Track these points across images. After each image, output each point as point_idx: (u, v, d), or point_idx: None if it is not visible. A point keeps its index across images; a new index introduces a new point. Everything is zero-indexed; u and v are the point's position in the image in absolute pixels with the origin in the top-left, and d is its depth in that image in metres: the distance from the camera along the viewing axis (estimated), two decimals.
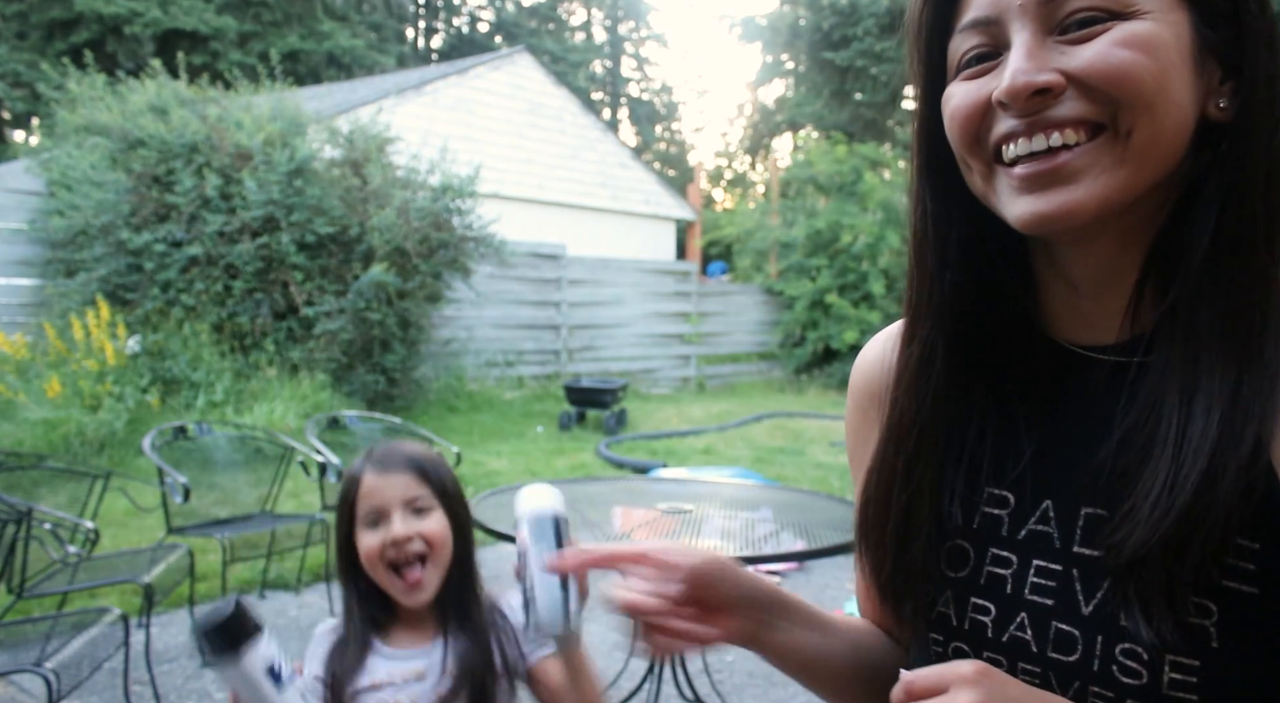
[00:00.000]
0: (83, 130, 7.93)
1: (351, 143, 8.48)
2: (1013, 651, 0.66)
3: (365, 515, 1.35)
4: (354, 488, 1.37)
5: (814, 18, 19.25)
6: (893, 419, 0.73)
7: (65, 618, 2.83)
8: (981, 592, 0.68)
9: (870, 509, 0.74)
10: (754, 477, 6.03)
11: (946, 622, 0.70)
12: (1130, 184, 0.60)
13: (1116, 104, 0.58)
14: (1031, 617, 0.65)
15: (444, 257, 8.42)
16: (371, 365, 8.16)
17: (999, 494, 0.69)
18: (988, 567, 0.68)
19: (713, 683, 3.21)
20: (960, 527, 0.70)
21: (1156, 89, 0.58)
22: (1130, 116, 0.58)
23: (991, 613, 0.67)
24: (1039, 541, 0.66)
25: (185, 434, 4.09)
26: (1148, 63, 0.57)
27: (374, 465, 1.37)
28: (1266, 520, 0.57)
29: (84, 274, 7.40)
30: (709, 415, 10.15)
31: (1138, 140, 0.59)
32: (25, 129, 21.22)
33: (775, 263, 14.12)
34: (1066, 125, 0.59)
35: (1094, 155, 0.59)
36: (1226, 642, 0.57)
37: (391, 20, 29.11)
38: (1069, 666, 0.63)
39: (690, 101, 44.32)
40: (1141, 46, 0.57)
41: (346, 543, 1.37)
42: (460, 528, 1.38)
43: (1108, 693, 0.61)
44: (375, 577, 1.33)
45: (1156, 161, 0.60)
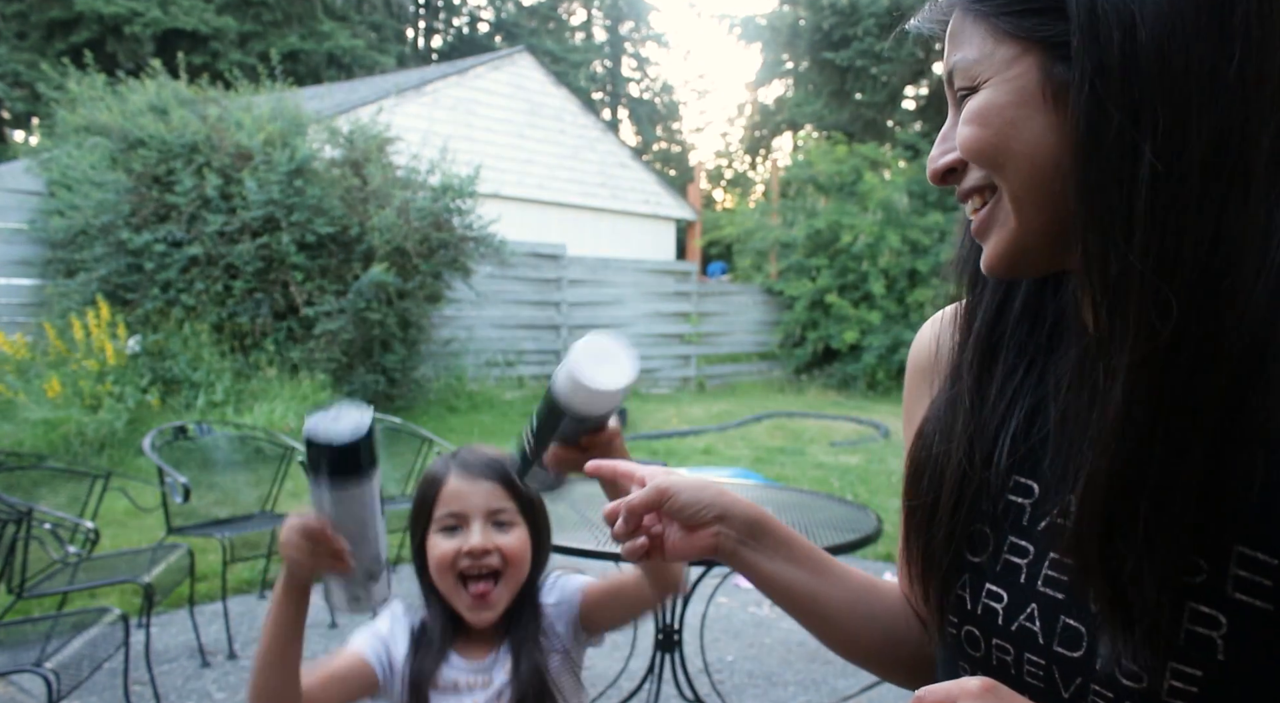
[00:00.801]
0: (83, 130, 7.93)
1: (351, 143, 8.48)
2: (1020, 640, 0.67)
3: (442, 520, 1.26)
4: (434, 490, 1.28)
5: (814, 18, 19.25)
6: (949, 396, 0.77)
7: (65, 618, 2.83)
8: (996, 579, 0.69)
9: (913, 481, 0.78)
10: (754, 477, 6.03)
11: (963, 605, 0.72)
12: (1024, 232, 0.65)
13: (985, 170, 0.65)
14: (1041, 608, 0.66)
15: (444, 257, 8.42)
16: (371, 365, 8.16)
17: (1025, 483, 0.70)
18: (1005, 554, 0.69)
19: (713, 683, 3.21)
20: (985, 512, 0.71)
21: (995, 151, 0.63)
22: (997, 178, 0.65)
23: (1004, 600, 0.69)
24: (1057, 534, 0.66)
25: (185, 434, 4.08)
26: (980, 132, 0.64)
27: (459, 469, 1.29)
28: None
29: (84, 274, 7.40)
30: (709, 415, 10.15)
31: (1008, 195, 0.65)
32: (25, 129, 21.21)
33: (775, 263, 14.12)
34: (972, 194, 0.68)
35: (989, 217, 0.67)
36: (1233, 655, 0.57)
37: (391, 20, 29.10)
38: (1073, 661, 0.63)
39: (690, 101, 44.32)
40: (975, 118, 0.64)
41: (421, 547, 1.29)
42: (540, 545, 1.31)
43: (1107, 693, 0.61)
44: (441, 586, 1.26)
45: (1035, 208, 0.64)
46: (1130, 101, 0.58)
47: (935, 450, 0.76)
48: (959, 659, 0.73)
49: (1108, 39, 0.58)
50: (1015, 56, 0.63)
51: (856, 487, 6.46)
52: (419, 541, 1.29)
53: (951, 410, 0.76)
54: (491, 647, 1.28)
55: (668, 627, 2.88)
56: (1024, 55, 0.62)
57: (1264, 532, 0.57)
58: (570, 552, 2.40)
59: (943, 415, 0.77)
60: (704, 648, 3.49)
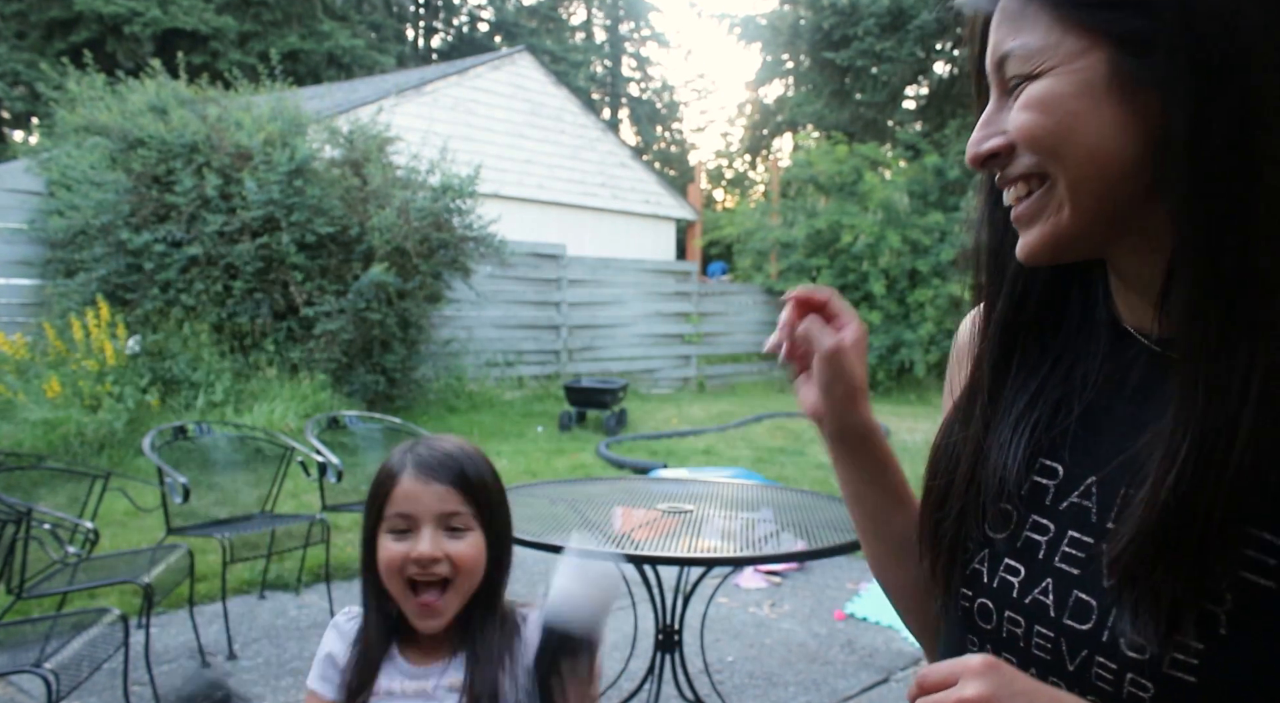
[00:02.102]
0: (82, 130, 7.93)
1: (351, 143, 8.48)
2: (1033, 613, 0.69)
3: (392, 520, 1.20)
4: (387, 487, 1.21)
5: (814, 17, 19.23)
6: (968, 385, 0.79)
7: (65, 619, 2.82)
8: (1016, 554, 0.71)
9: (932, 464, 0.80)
10: (754, 477, 6.03)
11: (978, 578, 0.74)
12: (1075, 222, 0.65)
13: (1039, 158, 0.65)
14: (1056, 583, 0.68)
15: (444, 257, 8.42)
16: (371, 366, 8.16)
17: (1050, 466, 0.72)
18: (1026, 532, 0.71)
19: (713, 683, 3.21)
20: (1011, 492, 0.72)
21: (1057, 141, 0.63)
22: (1051, 167, 0.64)
23: (1020, 574, 0.70)
24: (1079, 513, 0.68)
25: (185, 434, 4.08)
26: (1042, 120, 0.63)
27: (415, 468, 1.21)
28: None
29: (84, 274, 7.40)
30: (709, 416, 10.14)
31: (1062, 186, 0.64)
32: (25, 129, 21.21)
33: (775, 263, 14.11)
34: (1017, 180, 0.68)
35: (1039, 204, 0.67)
36: (1235, 632, 0.58)
37: (391, 20, 29.10)
38: (1081, 634, 0.65)
39: (690, 101, 44.30)
40: (1037, 106, 0.63)
41: (370, 541, 1.23)
42: (497, 551, 1.25)
43: (1111, 664, 0.63)
44: (390, 587, 1.20)
45: (1093, 199, 0.64)
46: (1238, 102, 0.57)
47: (954, 438, 0.78)
48: (968, 632, 0.75)
49: (1206, 37, 0.57)
50: (1084, 49, 0.62)
51: None
52: (369, 535, 1.22)
53: (970, 400, 0.78)
54: (443, 655, 1.22)
55: (668, 627, 2.88)
56: (1093, 48, 0.61)
57: (1271, 512, 0.58)
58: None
59: (963, 405, 0.79)
60: (704, 648, 3.49)
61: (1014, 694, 0.58)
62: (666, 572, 3.05)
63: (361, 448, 4.62)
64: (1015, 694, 0.58)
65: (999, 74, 0.66)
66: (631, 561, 2.50)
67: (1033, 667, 0.68)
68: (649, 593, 2.85)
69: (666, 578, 2.98)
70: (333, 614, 3.85)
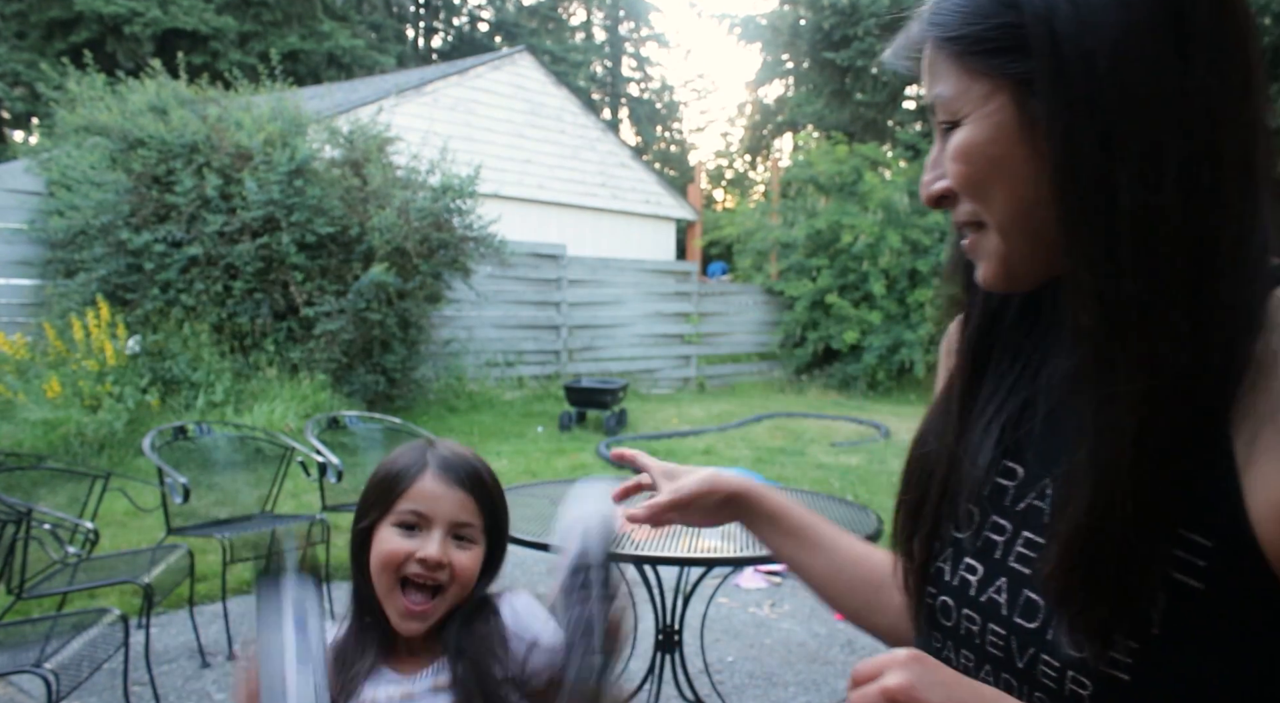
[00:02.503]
0: (82, 130, 7.92)
1: (351, 143, 8.48)
2: (988, 611, 0.71)
3: (404, 515, 1.17)
4: (405, 481, 1.18)
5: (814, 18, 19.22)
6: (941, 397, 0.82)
7: (65, 619, 2.82)
8: (976, 553, 0.73)
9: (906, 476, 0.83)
10: (754, 477, 6.02)
11: (941, 576, 0.76)
12: (1013, 258, 0.68)
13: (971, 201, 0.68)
14: (1010, 582, 0.70)
15: (444, 257, 8.41)
16: (371, 366, 8.16)
17: (1011, 467, 0.73)
18: (986, 532, 0.73)
19: (713, 683, 3.21)
20: (975, 492, 0.75)
21: (978, 187, 0.67)
22: (982, 212, 0.68)
23: (978, 573, 0.73)
24: (1034, 514, 0.70)
25: (185, 435, 4.08)
26: (964, 169, 0.66)
27: (439, 468, 1.20)
28: (1220, 517, 0.59)
29: (84, 274, 7.40)
30: (709, 416, 10.14)
31: (994, 225, 0.68)
32: (25, 129, 21.20)
33: (775, 263, 14.10)
34: (962, 218, 0.71)
35: (977, 243, 0.71)
36: (1167, 631, 0.60)
37: (391, 20, 29.10)
38: (1029, 631, 0.67)
39: (690, 101, 44.30)
40: (959, 156, 0.66)
41: (364, 534, 1.19)
42: (491, 566, 1.23)
43: (1054, 662, 0.65)
44: (378, 581, 1.17)
45: (1023, 235, 0.67)
46: (1101, 133, 0.60)
47: (928, 449, 0.81)
48: (932, 629, 0.77)
49: (1071, 74, 0.60)
50: (989, 93, 0.64)
51: (857, 487, 6.45)
52: (367, 526, 1.19)
53: (944, 412, 0.81)
54: (425, 662, 1.20)
55: (668, 627, 2.88)
56: (997, 92, 0.64)
57: (1200, 515, 0.59)
58: None
59: (936, 417, 0.82)
60: (704, 649, 3.49)
61: (933, 684, 0.60)
62: (666, 572, 3.05)
63: (361, 448, 4.62)
64: (935, 684, 0.60)
65: (934, 119, 0.69)
66: (631, 561, 2.50)
67: (987, 664, 0.70)
68: (649, 593, 2.85)
69: (666, 578, 2.98)
70: (333, 614, 3.85)
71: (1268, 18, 11.08)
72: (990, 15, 0.63)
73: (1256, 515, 0.58)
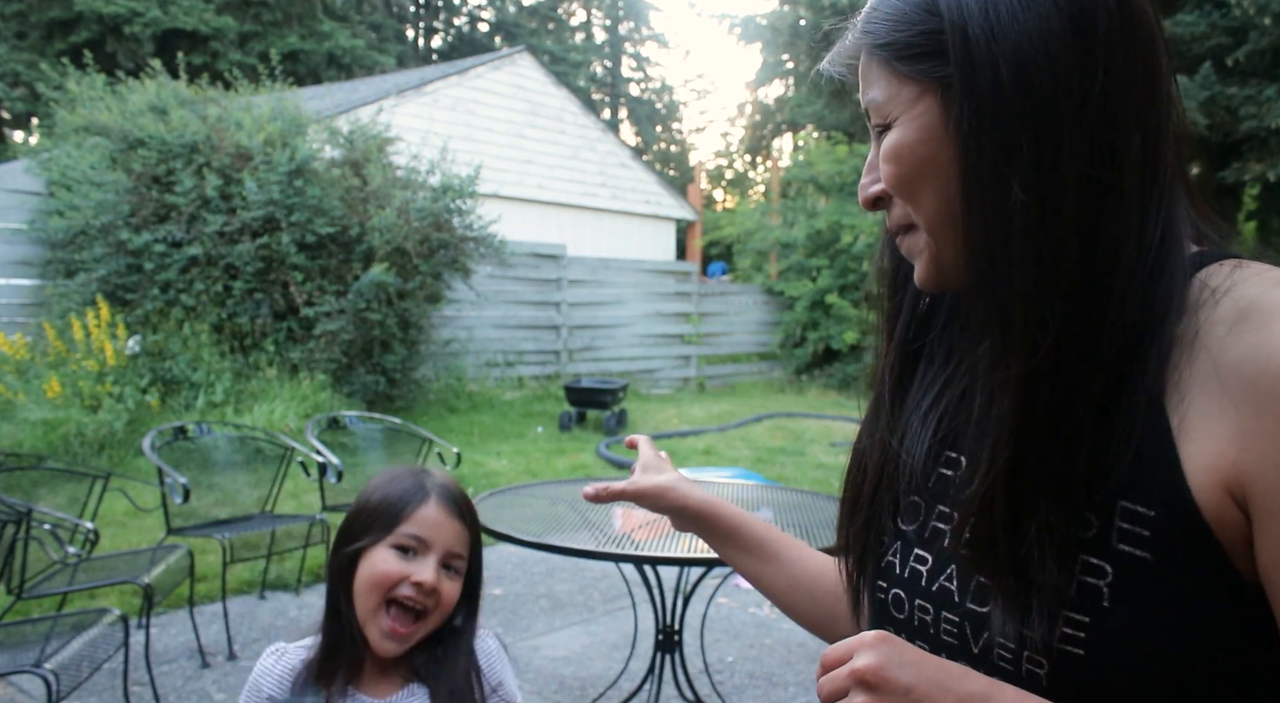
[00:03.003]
0: (82, 130, 7.93)
1: (351, 143, 8.48)
2: (940, 599, 0.72)
3: (403, 538, 1.20)
4: (407, 506, 1.22)
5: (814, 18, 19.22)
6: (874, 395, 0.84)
7: (65, 619, 2.82)
8: (925, 544, 0.75)
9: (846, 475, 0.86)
10: (754, 477, 6.03)
11: (892, 569, 0.77)
12: (943, 256, 0.70)
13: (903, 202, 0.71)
14: (959, 570, 0.71)
15: (444, 257, 8.42)
16: (371, 366, 8.16)
17: (954, 457, 0.75)
18: (932, 522, 0.75)
19: (713, 683, 3.21)
20: (919, 484, 0.77)
21: (908, 187, 0.69)
22: (913, 211, 0.70)
23: (928, 563, 0.74)
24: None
25: (185, 435, 4.08)
26: (894, 170, 0.69)
27: (443, 498, 1.24)
28: (1161, 486, 0.61)
29: (84, 274, 7.40)
30: (709, 416, 10.14)
31: (923, 225, 0.70)
32: (25, 129, 21.21)
33: (775, 263, 14.11)
34: (897, 219, 0.73)
35: (911, 243, 0.73)
36: (1117, 603, 0.61)
37: (391, 20, 29.10)
38: (982, 616, 0.68)
39: (690, 102, 44.30)
40: (890, 156, 0.69)
41: (353, 554, 1.21)
42: (470, 594, 1.28)
43: (1010, 644, 0.66)
44: (361, 602, 1.18)
45: (952, 234, 0.68)
46: (1002, 137, 0.63)
47: (861, 446, 0.84)
48: (885, 623, 0.78)
49: (980, 78, 0.63)
50: (917, 96, 0.67)
51: None
52: (356, 548, 1.21)
53: (875, 412, 0.83)
54: (395, 685, 1.22)
55: (668, 628, 2.88)
56: (924, 95, 0.67)
57: (1142, 485, 0.61)
58: (570, 552, 2.40)
59: (869, 414, 0.85)
60: (704, 649, 3.49)
61: (902, 664, 0.61)
62: (666, 572, 3.05)
63: (361, 448, 4.62)
64: (904, 664, 0.61)
65: (870, 123, 0.72)
66: (632, 561, 2.51)
67: (943, 652, 0.71)
68: (649, 593, 2.85)
69: (666, 578, 2.98)
70: None
71: (1268, 18, 11.08)
72: (915, 23, 0.67)
73: (1195, 483, 0.60)
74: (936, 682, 0.61)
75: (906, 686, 0.60)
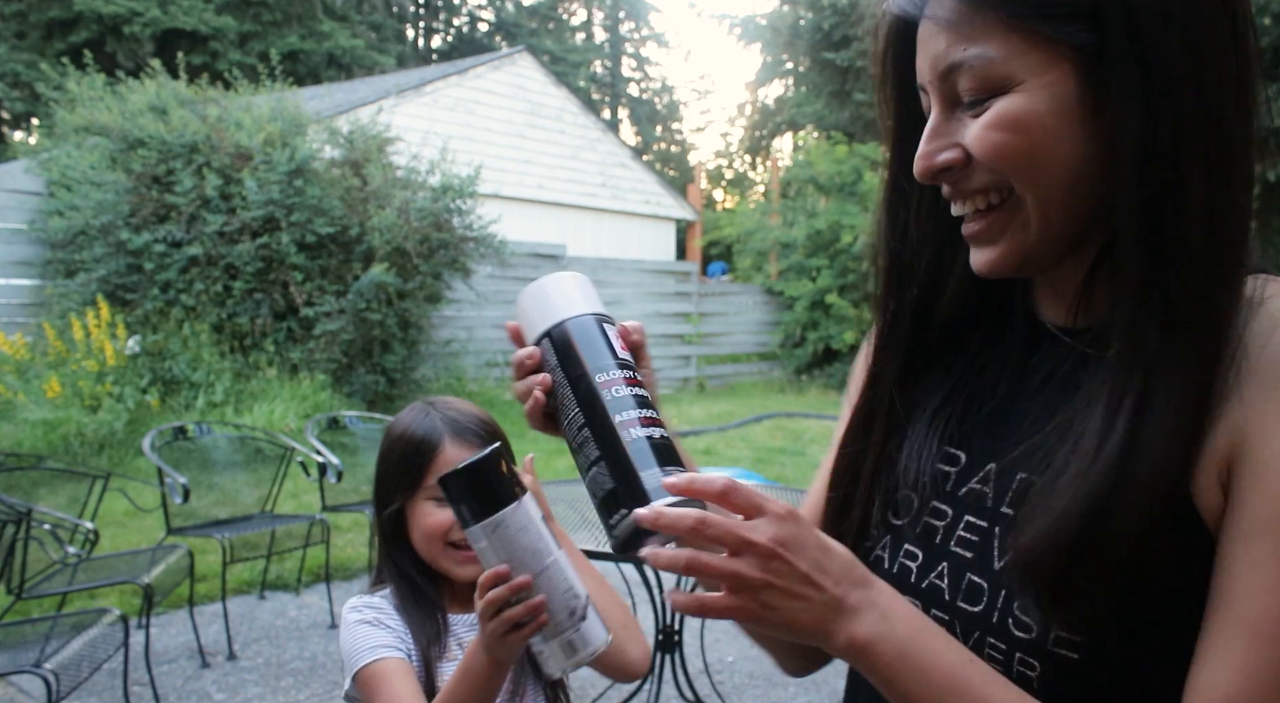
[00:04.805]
0: (82, 130, 7.93)
1: (351, 143, 8.48)
2: (929, 597, 0.69)
3: (433, 491, 1.19)
4: (427, 456, 1.21)
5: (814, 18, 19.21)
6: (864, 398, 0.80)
7: (65, 619, 2.82)
8: (915, 540, 0.72)
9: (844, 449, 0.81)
10: (755, 477, 6.03)
11: (880, 564, 0.74)
12: (1042, 238, 0.64)
13: (1005, 176, 0.63)
14: (951, 567, 0.69)
15: (444, 257, 8.41)
16: (371, 366, 8.16)
17: (952, 453, 0.73)
18: (925, 517, 0.72)
19: (713, 684, 3.21)
20: (913, 479, 0.73)
21: (1030, 161, 0.62)
22: (1019, 186, 0.63)
23: (918, 559, 0.72)
24: (975, 498, 0.70)
25: (185, 435, 4.08)
26: (1015, 140, 0.61)
27: (454, 435, 1.22)
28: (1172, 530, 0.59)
29: (84, 274, 7.40)
30: (709, 416, 10.14)
31: (1031, 203, 0.63)
32: (25, 129, 21.21)
33: (775, 263, 14.10)
34: (975, 194, 0.66)
35: (1002, 220, 0.66)
36: (1114, 615, 0.60)
37: (391, 20, 29.10)
38: (973, 615, 0.66)
39: (690, 102, 44.32)
40: (1010, 126, 0.61)
41: (399, 511, 1.22)
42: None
43: (1000, 644, 0.64)
44: (427, 552, 1.21)
45: (1062, 214, 0.63)
46: (1177, 116, 0.58)
47: (852, 448, 0.79)
48: None
49: (1150, 54, 0.58)
50: (1050, 62, 0.60)
51: None
52: (399, 505, 1.22)
53: (866, 417, 0.79)
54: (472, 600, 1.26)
55: (668, 627, 2.88)
56: (1059, 62, 0.60)
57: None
58: None
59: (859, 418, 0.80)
60: (704, 649, 3.49)
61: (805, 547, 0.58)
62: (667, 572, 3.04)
63: (361, 448, 4.62)
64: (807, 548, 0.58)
65: (944, 84, 0.64)
66: (632, 560, 2.50)
67: None
68: (649, 593, 2.85)
69: (667, 579, 2.98)
70: (333, 615, 3.85)
71: (1267, 18, 11.08)
72: None
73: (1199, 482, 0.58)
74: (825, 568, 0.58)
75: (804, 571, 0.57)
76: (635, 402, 0.69)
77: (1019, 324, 0.74)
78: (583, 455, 0.69)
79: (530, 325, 0.80)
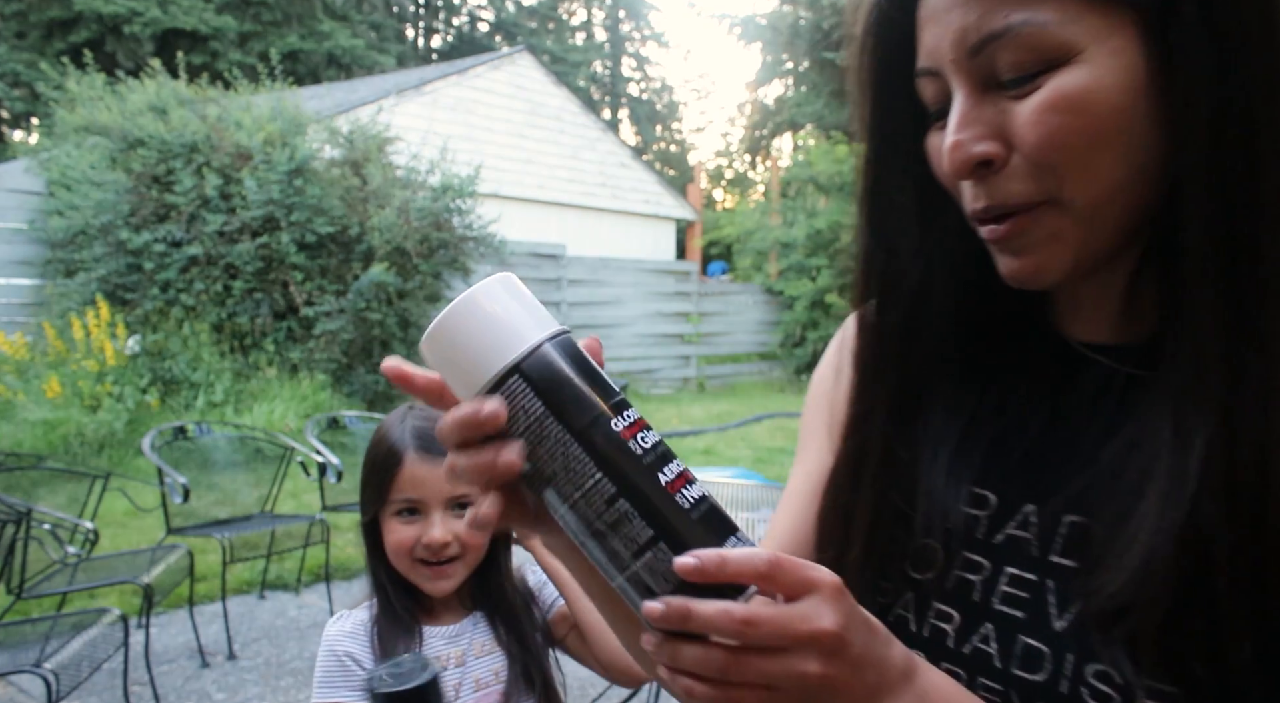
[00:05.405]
0: (82, 130, 7.93)
1: (351, 143, 8.48)
2: (974, 663, 0.59)
3: (399, 504, 1.19)
4: (391, 470, 1.20)
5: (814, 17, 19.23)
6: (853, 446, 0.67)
7: (65, 619, 2.82)
8: (946, 597, 0.62)
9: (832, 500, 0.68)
10: (754, 477, 6.02)
11: (904, 626, 0.63)
12: (1090, 241, 0.55)
13: (1055, 170, 0.53)
14: (998, 629, 0.59)
15: (444, 257, 8.42)
16: (371, 366, 8.16)
17: (980, 493, 0.62)
18: (956, 571, 0.61)
19: None
20: (933, 525, 0.62)
21: (1090, 150, 0.52)
22: (1074, 179, 0.53)
23: (955, 620, 0.61)
24: (1016, 547, 0.60)
25: (185, 434, 4.08)
26: (1080, 123, 0.51)
27: (419, 448, 1.20)
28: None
29: (84, 274, 7.40)
30: (709, 415, 10.14)
31: (1082, 204, 0.54)
32: (25, 129, 21.21)
33: (775, 263, 14.11)
34: (1015, 193, 0.55)
35: (1043, 223, 0.55)
36: (1210, 670, 0.51)
37: (391, 20, 29.11)
38: (1034, 685, 0.56)
39: (690, 101, 44.36)
40: (1071, 107, 0.51)
41: (373, 523, 1.22)
42: None
43: None
44: (397, 565, 1.21)
45: (1114, 213, 0.54)
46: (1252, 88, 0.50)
47: (842, 500, 0.66)
48: None
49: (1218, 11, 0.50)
50: (1108, 27, 0.51)
51: None
52: (371, 516, 1.22)
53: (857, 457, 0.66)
54: (457, 614, 1.26)
55: None
56: (1121, 24, 0.51)
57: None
58: None
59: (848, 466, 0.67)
60: None
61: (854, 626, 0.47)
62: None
63: (361, 448, 4.59)
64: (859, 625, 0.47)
65: (975, 60, 0.54)
66: None
67: None
68: None
69: None
70: (333, 614, 3.86)
71: None
72: None
73: None
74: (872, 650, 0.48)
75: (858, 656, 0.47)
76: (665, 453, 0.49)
77: (1040, 343, 0.64)
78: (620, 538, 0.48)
79: (471, 365, 0.50)
